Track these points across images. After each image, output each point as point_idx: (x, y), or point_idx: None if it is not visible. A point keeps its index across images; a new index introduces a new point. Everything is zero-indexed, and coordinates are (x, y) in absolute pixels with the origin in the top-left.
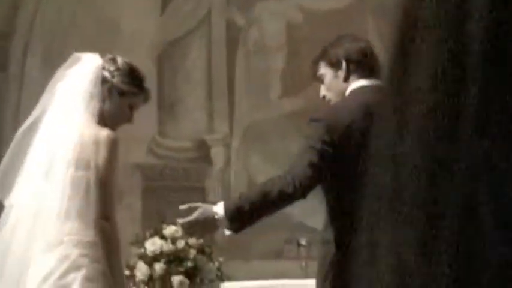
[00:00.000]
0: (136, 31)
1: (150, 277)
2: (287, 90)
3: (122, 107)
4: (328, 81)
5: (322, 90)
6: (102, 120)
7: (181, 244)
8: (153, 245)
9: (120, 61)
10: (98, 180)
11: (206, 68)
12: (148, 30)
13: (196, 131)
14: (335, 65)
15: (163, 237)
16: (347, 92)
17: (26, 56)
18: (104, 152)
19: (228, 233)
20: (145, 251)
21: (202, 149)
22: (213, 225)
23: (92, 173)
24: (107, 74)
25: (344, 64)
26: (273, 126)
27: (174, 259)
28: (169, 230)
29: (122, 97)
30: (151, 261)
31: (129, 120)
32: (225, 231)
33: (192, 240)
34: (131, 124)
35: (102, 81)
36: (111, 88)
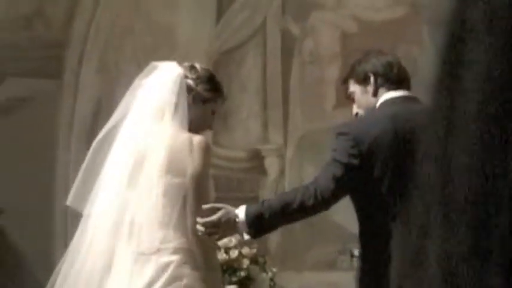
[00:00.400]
0: (192, 40)
1: None
2: (341, 100)
3: (206, 114)
4: (358, 97)
5: (354, 108)
6: (188, 128)
7: (234, 254)
8: None
9: (199, 68)
10: (194, 186)
11: (261, 78)
12: (204, 39)
13: (250, 141)
14: (363, 81)
15: None
16: (377, 106)
17: (81, 64)
18: (199, 158)
19: (246, 237)
20: None
21: (256, 159)
22: (233, 228)
23: (188, 179)
24: (191, 82)
25: (372, 79)
26: (327, 137)
27: (227, 269)
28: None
29: (205, 104)
30: None
31: (211, 126)
32: (244, 235)
33: (245, 250)
34: (211, 130)
35: (187, 90)
36: (196, 96)
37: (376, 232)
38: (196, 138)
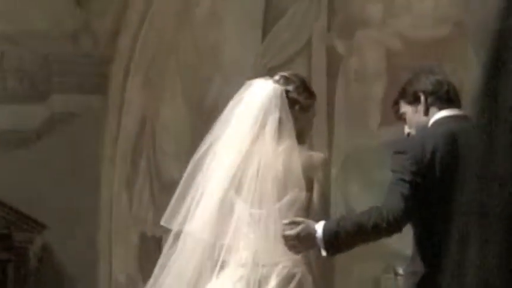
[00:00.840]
0: (236, 57)
1: None
2: (386, 118)
3: (310, 120)
4: (409, 117)
5: (406, 129)
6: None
7: None
8: None
9: (293, 77)
10: (320, 200)
11: None
12: (249, 57)
13: None
14: (414, 100)
15: None
16: (429, 124)
17: (126, 80)
18: (322, 173)
19: (324, 253)
20: None
21: None
22: (312, 243)
23: (316, 195)
24: (294, 95)
25: (422, 98)
26: (372, 155)
27: None
28: None
29: (309, 111)
30: None
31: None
32: (322, 252)
33: None
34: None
35: (291, 104)
36: (301, 107)
37: (438, 245)
38: (320, 155)
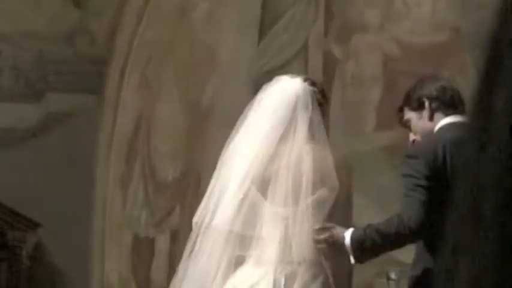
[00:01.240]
0: (233, 59)
1: None
2: (382, 123)
3: (324, 125)
4: (414, 124)
5: (411, 136)
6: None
7: None
8: None
9: (315, 81)
10: (344, 204)
11: None
12: (245, 59)
13: None
14: (418, 106)
15: None
16: (435, 130)
17: (122, 80)
18: (347, 175)
19: (352, 260)
20: None
21: None
22: (341, 249)
23: (340, 196)
24: (319, 97)
25: (427, 103)
26: (367, 159)
27: None
28: None
29: (324, 116)
30: None
31: None
32: (351, 259)
33: None
34: None
35: (319, 105)
36: (323, 110)
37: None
38: (342, 158)
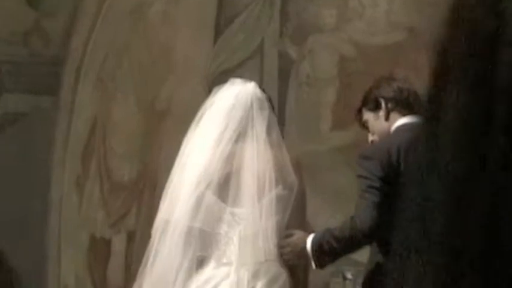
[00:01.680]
0: (189, 58)
1: None
2: (338, 123)
3: None
4: (372, 124)
5: (370, 136)
6: None
7: None
8: None
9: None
10: (300, 199)
11: None
12: (201, 59)
13: None
14: (375, 107)
15: None
16: (391, 130)
17: (78, 81)
18: (301, 173)
19: (314, 266)
20: None
21: None
22: (303, 255)
23: (297, 195)
24: (270, 104)
25: (383, 103)
26: (322, 159)
27: None
28: None
29: None
30: None
31: None
32: (312, 264)
33: None
34: None
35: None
36: None
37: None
38: (296, 157)
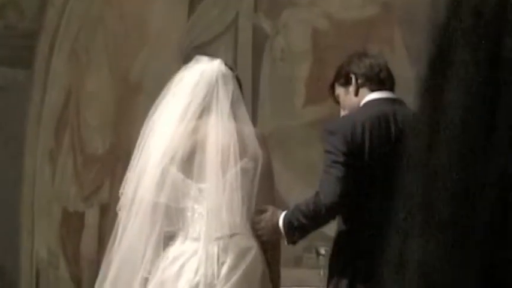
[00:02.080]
0: (163, 32)
1: None
2: (311, 98)
3: None
4: (342, 99)
5: (341, 111)
6: None
7: None
8: None
9: (230, 65)
10: (266, 171)
11: None
12: (175, 32)
13: None
14: (346, 82)
15: None
16: (360, 106)
17: (52, 53)
18: (266, 146)
19: (286, 242)
20: None
21: None
22: (277, 231)
23: (263, 167)
24: (236, 81)
25: (353, 79)
26: (295, 134)
27: None
28: None
29: None
30: None
31: None
32: (285, 240)
33: None
34: None
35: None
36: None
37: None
38: (260, 131)
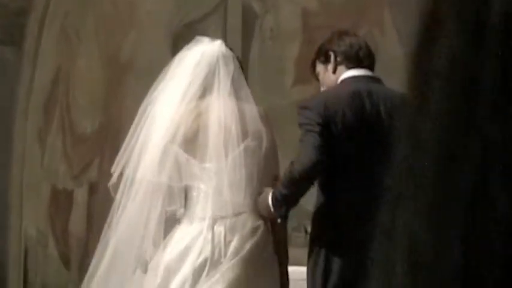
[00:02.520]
0: (152, 11)
1: None
2: (301, 77)
3: None
4: (321, 77)
5: (321, 89)
6: None
7: None
8: None
9: (231, 47)
10: (270, 149)
11: None
12: (165, 11)
13: None
14: (325, 59)
15: None
16: (338, 83)
17: (41, 32)
18: (270, 125)
19: (278, 220)
20: None
21: None
22: (267, 209)
23: (264, 143)
24: (237, 62)
25: (332, 56)
26: (285, 113)
27: None
28: None
29: None
30: None
31: None
32: (277, 218)
33: None
34: None
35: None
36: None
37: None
38: (263, 110)
